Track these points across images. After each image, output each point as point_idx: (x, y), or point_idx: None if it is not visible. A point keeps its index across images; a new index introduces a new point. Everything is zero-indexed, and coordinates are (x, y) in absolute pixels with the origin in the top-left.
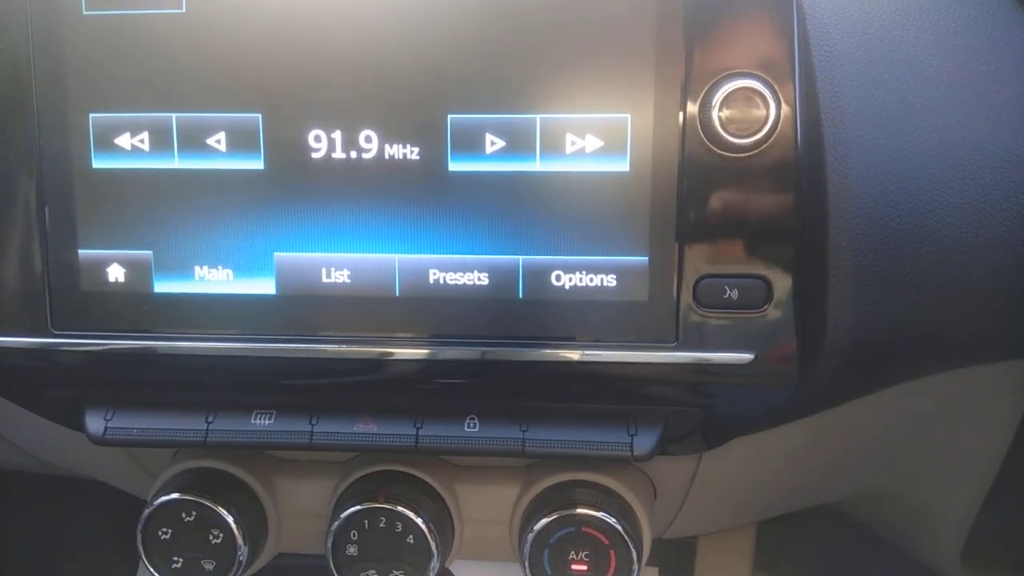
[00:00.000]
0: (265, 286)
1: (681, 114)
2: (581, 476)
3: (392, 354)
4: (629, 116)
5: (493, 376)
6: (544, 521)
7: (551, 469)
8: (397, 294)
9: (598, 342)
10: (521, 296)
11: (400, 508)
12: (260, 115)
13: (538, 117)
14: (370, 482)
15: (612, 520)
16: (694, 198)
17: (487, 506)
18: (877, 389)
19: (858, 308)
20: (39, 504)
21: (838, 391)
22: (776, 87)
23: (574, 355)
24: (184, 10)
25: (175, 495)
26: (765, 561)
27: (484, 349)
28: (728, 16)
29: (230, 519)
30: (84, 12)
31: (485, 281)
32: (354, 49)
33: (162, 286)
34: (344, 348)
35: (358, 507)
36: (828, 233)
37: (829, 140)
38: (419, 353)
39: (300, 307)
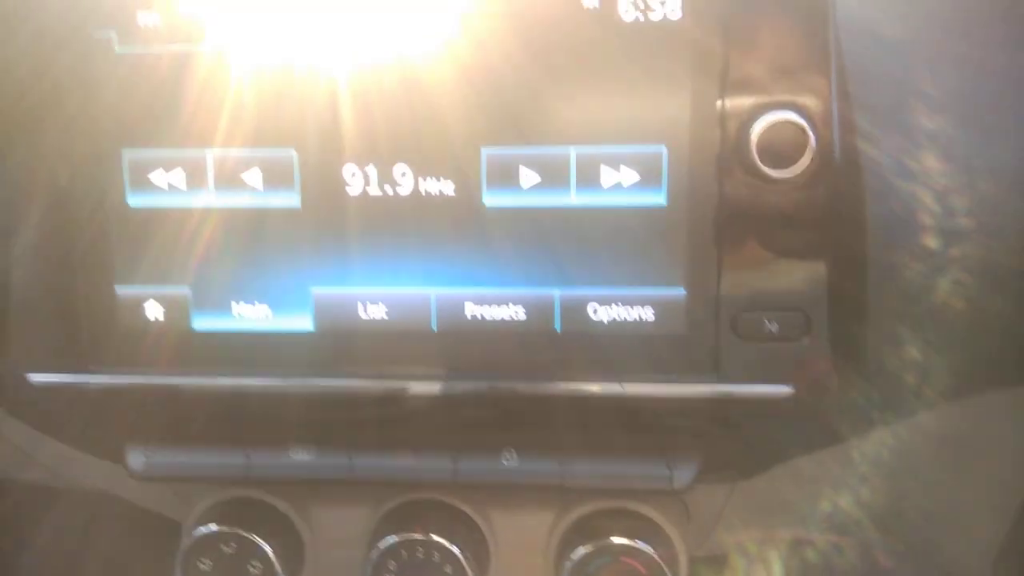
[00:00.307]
0: (302, 322)
1: (718, 146)
2: (616, 503)
3: (429, 388)
4: (665, 148)
5: (530, 409)
6: (582, 552)
7: (586, 495)
8: (434, 328)
9: (636, 375)
10: (558, 329)
11: (437, 538)
12: (295, 151)
13: (573, 150)
14: (407, 511)
15: (649, 549)
16: (732, 230)
17: (522, 533)
18: (912, 414)
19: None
20: (58, 520)
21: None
22: (814, 119)
23: (612, 388)
24: (217, 48)
25: (214, 527)
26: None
27: (521, 383)
28: (765, 48)
29: (269, 550)
30: (116, 50)
31: (522, 315)
32: (387, 84)
33: (200, 323)
34: (381, 383)
35: (395, 539)
36: (868, 262)
37: (867, 168)
38: (456, 387)
39: (337, 342)
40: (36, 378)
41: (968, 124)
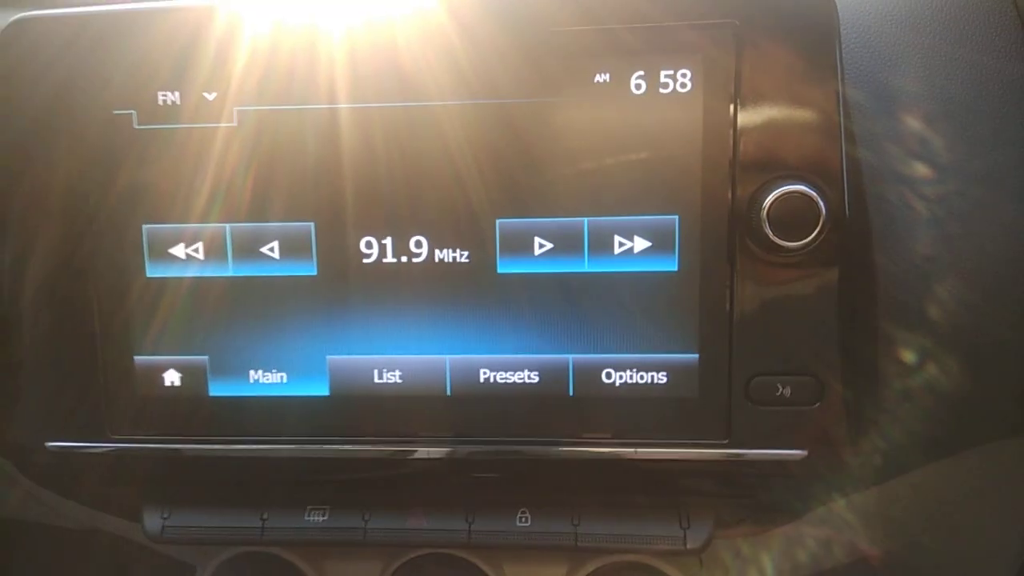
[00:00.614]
0: (318, 388)
1: (729, 215)
2: (627, 558)
3: (443, 452)
4: (677, 217)
5: (544, 472)
6: None
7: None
8: (448, 393)
9: (649, 438)
10: (572, 394)
11: None
12: (313, 224)
13: (586, 220)
14: (420, 563)
15: None
16: (744, 297)
17: None
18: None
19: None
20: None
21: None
22: (825, 190)
23: (626, 452)
24: (236, 124)
25: None
26: None
27: (534, 447)
28: (775, 121)
29: None
30: (136, 126)
31: (536, 379)
32: (404, 158)
33: (217, 390)
34: (396, 448)
35: None
36: (879, 327)
37: (877, 236)
38: (470, 450)
39: (353, 407)
40: (54, 445)
41: (984, 185)
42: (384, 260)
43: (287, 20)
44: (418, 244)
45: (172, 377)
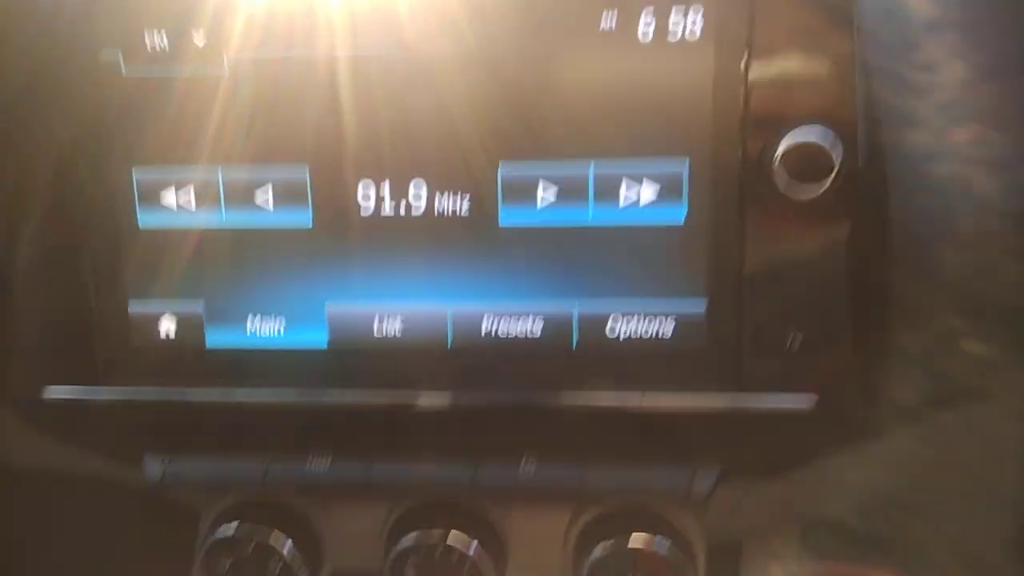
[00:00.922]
0: (316, 338)
1: (741, 161)
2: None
3: (444, 400)
4: (687, 160)
5: (548, 420)
6: (599, 554)
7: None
8: (450, 344)
9: (656, 387)
10: (576, 344)
11: (455, 543)
12: (307, 168)
13: (592, 163)
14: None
15: (668, 543)
16: (754, 245)
17: (539, 528)
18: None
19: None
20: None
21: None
22: (840, 136)
23: (632, 401)
24: (226, 72)
25: (234, 528)
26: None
27: (538, 396)
28: (788, 68)
29: (290, 545)
30: (123, 73)
31: (539, 330)
32: (401, 101)
33: (214, 338)
34: (396, 396)
35: (412, 542)
36: (893, 273)
37: (892, 178)
38: (472, 399)
39: (352, 358)
40: (50, 391)
41: (1008, 128)
42: (382, 213)
43: None
44: (417, 187)
45: (168, 324)
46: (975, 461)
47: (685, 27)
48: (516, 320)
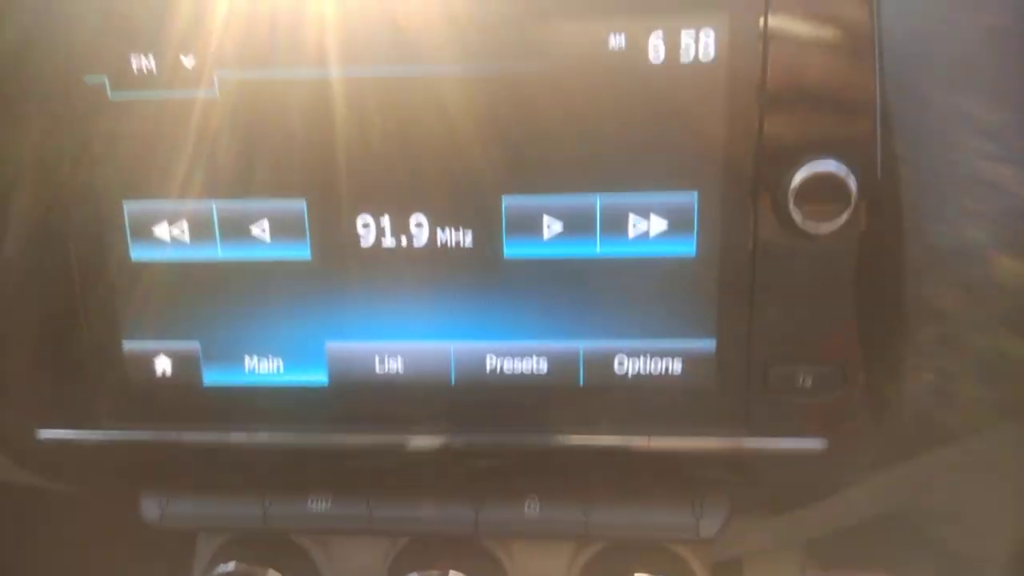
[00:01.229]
0: (317, 376)
1: (753, 194)
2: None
3: (447, 441)
4: (696, 195)
5: (553, 460)
6: None
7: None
8: (452, 383)
9: (663, 428)
10: (582, 383)
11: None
12: (305, 201)
13: (598, 197)
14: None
15: None
16: (765, 282)
17: (543, 565)
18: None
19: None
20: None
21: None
22: (858, 171)
23: (639, 441)
24: (217, 93)
25: (232, 567)
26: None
27: (542, 436)
28: (805, 94)
29: None
30: (109, 96)
31: (544, 368)
32: (401, 129)
33: (211, 378)
34: (398, 437)
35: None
36: (907, 318)
37: (908, 221)
38: (475, 439)
39: (353, 396)
40: (44, 433)
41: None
42: (383, 243)
43: None
44: (418, 224)
45: (163, 364)
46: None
47: (698, 48)
48: (521, 359)
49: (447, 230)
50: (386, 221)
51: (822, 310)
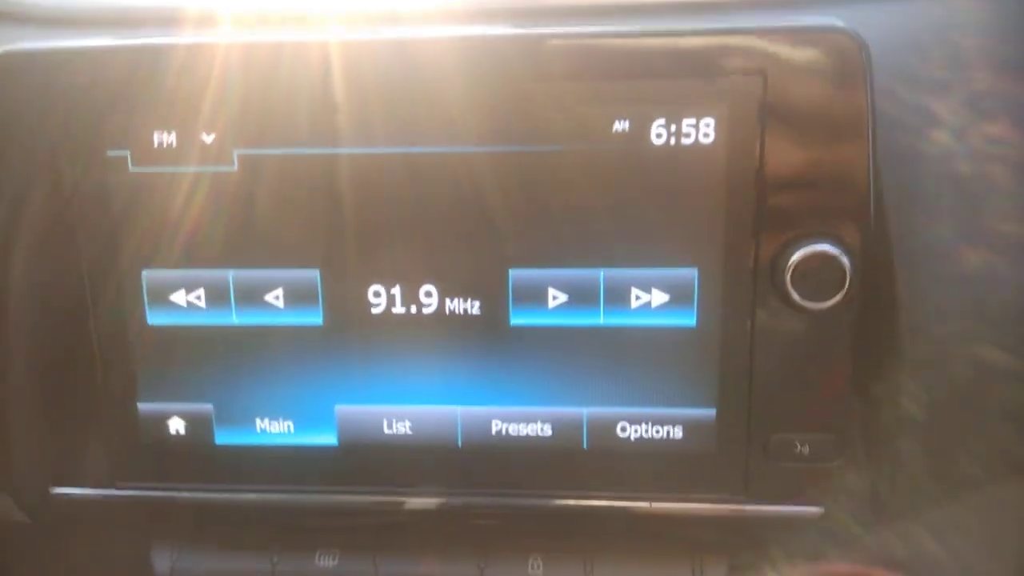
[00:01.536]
0: (326, 438)
1: (751, 271)
2: None
3: (454, 502)
4: (697, 271)
5: (557, 521)
6: None
7: None
8: (459, 445)
9: (665, 492)
10: (586, 447)
11: None
12: (318, 271)
13: (602, 271)
14: None
15: None
16: (764, 354)
17: None
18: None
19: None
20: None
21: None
22: (853, 252)
23: (640, 506)
24: (236, 168)
25: None
26: None
27: (548, 499)
28: (802, 175)
29: None
30: (131, 169)
31: (549, 432)
32: (412, 204)
33: (224, 438)
34: (406, 498)
35: None
36: (901, 387)
37: (902, 295)
38: (481, 501)
39: (361, 458)
40: (59, 491)
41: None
42: (393, 311)
43: (288, 58)
44: (428, 294)
45: (177, 425)
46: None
47: (698, 134)
48: (526, 423)
49: (455, 299)
50: (397, 291)
51: (819, 381)
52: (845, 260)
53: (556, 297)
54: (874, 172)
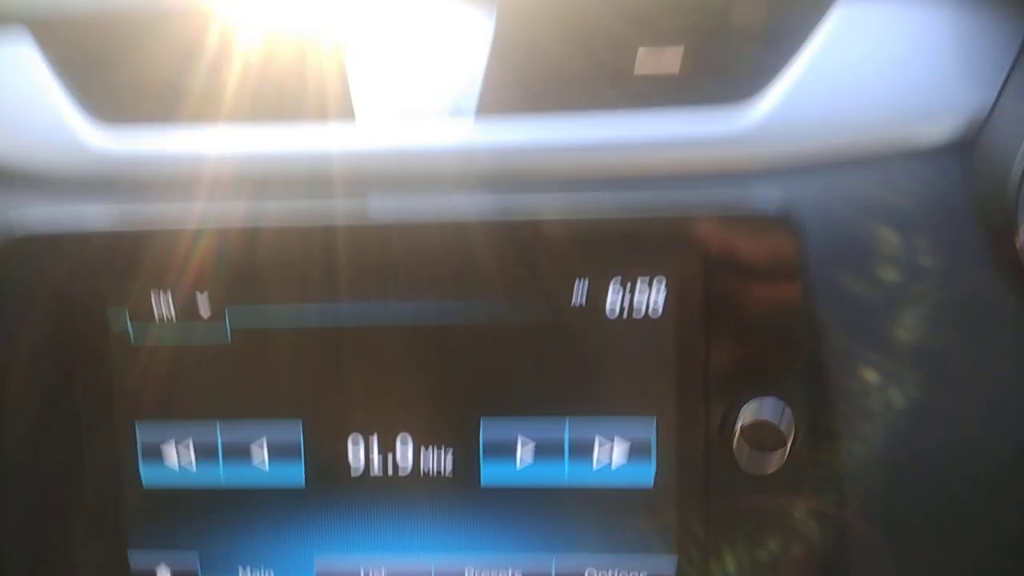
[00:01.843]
0: None
1: (704, 429)
2: None
3: None
4: (655, 420)
5: None
6: None
7: None
8: None
9: None
10: None
11: None
12: (301, 422)
13: (567, 420)
14: None
15: None
16: (719, 509)
17: None
18: None
19: None
20: None
21: None
22: (794, 408)
23: None
24: (229, 341)
25: None
26: None
27: None
28: (744, 342)
29: None
30: (132, 343)
31: None
32: (388, 364)
33: None
34: None
35: None
36: (856, 537)
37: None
38: None
39: None
40: None
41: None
42: (371, 473)
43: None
44: (403, 441)
45: (164, 573)
46: None
47: (648, 303)
48: (497, 571)
49: (430, 450)
50: (374, 441)
51: (775, 533)
52: (789, 416)
53: (524, 452)
54: (814, 329)
